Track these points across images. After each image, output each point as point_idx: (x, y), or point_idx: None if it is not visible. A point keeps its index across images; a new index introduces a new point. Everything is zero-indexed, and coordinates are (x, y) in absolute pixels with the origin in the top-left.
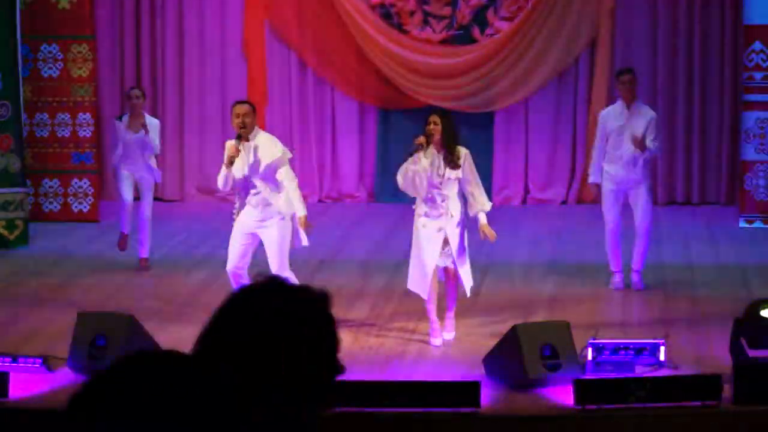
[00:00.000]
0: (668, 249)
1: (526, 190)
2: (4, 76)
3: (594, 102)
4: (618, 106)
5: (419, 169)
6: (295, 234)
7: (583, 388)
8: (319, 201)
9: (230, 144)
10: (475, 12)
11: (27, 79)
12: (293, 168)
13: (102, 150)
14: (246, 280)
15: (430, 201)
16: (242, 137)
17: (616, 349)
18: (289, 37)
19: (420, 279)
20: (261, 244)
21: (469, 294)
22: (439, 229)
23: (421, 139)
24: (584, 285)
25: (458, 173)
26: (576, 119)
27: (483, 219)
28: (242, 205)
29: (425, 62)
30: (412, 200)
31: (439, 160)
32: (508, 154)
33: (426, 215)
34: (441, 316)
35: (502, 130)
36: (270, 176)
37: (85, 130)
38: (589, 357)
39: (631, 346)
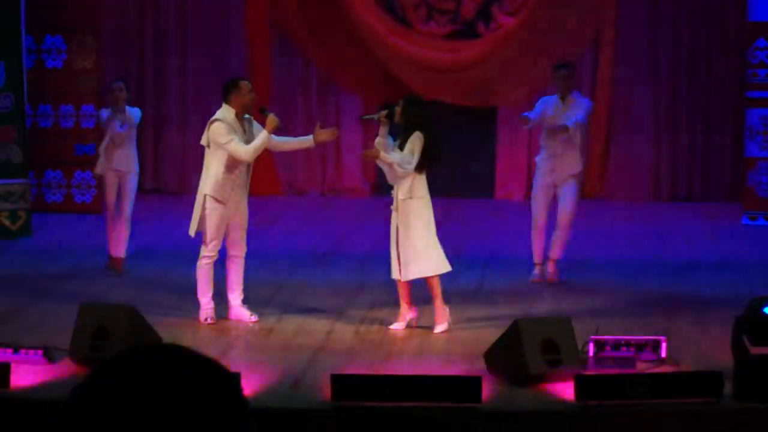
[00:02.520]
0: (670, 245)
1: (528, 186)
2: (8, 67)
3: (597, 97)
4: (554, 99)
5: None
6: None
7: (584, 384)
8: (322, 194)
9: (274, 118)
10: (479, 6)
11: (31, 70)
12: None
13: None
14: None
15: (389, 187)
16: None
17: (617, 345)
18: (291, 31)
19: (393, 264)
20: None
21: (395, 277)
22: (391, 214)
23: (382, 113)
24: (586, 280)
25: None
26: None
27: (387, 157)
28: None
29: (429, 56)
30: None
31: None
32: (511, 150)
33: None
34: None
35: (504, 125)
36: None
37: (88, 122)
38: (591, 353)
39: (633, 342)
